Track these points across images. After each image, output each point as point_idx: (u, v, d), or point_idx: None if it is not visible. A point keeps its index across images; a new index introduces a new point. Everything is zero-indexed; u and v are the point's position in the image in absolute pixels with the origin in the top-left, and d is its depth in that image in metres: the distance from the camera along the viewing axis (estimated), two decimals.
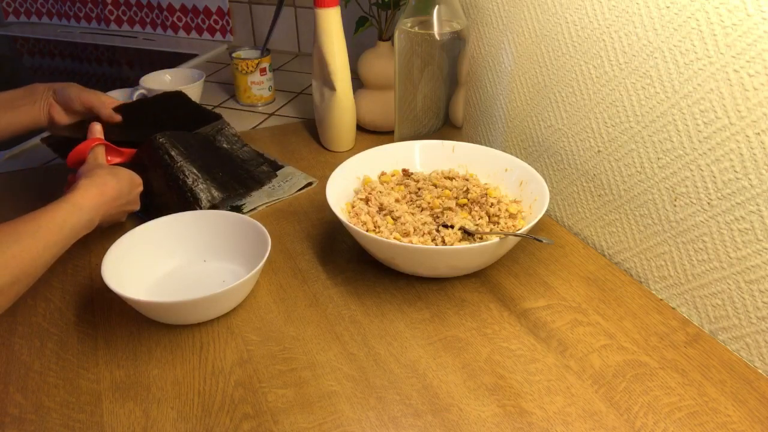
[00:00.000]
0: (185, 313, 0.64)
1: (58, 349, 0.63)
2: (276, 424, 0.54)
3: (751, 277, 0.59)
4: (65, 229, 0.62)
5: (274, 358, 0.61)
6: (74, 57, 1.57)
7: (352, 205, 0.76)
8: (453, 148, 0.83)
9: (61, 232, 0.61)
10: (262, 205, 0.86)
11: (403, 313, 0.67)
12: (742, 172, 0.57)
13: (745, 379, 0.58)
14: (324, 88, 0.99)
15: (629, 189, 0.71)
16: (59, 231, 0.61)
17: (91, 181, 0.67)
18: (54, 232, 0.60)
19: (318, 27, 0.94)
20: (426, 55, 0.84)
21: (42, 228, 0.59)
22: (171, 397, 0.57)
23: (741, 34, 0.54)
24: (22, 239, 0.57)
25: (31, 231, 0.58)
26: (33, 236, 0.58)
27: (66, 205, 0.63)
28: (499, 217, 0.72)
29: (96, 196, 0.66)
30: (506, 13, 0.84)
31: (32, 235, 0.58)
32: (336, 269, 0.74)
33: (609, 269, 0.73)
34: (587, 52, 0.72)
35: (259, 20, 1.53)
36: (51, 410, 0.56)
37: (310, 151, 1.03)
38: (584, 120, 0.75)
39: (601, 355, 0.61)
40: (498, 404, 0.56)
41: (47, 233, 0.59)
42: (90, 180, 0.68)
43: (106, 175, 0.70)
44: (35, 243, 0.58)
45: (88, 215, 0.65)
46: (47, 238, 0.59)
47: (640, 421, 0.54)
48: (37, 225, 0.59)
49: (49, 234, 0.60)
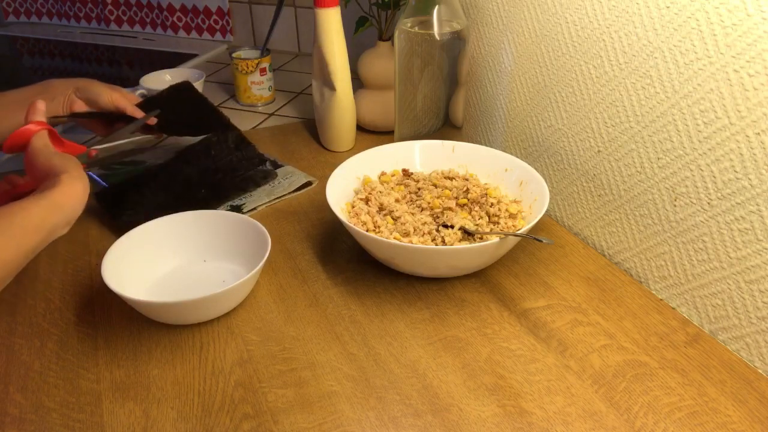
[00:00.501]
0: (185, 313, 0.64)
1: (58, 349, 0.63)
2: (276, 424, 0.54)
3: (751, 277, 0.59)
4: (43, 231, 0.54)
5: (274, 358, 0.61)
6: (74, 57, 1.57)
7: (352, 205, 0.76)
8: (453, 148, 0.83)
9: (38, 234, 0.54)
10: (262, 205, 0.86)
11: (403, 313, 0.67)
12: (742, 172, 0.57)
13: (745, 379, 0.58)
14: (324, 88, 0.99)
15: (629, 189, 0.71)
16: (36, 232, 0.53)
17: (72, 177, 0.58)
18: (30, 233, 0.53)
19: (318, 27, 0.94)
20: (426, 55, 0.84)
21: (15, 226, 0.52)
22: (171, 397, 0.57)
23: (741, 34, 0.54)
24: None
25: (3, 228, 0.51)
26: (3, 235, 0.51)
27: (45, 203, 0.55)
28: (499, 217, 0.72)
29: (79, 193, 0.58)
30: (506, 13, 0.84)
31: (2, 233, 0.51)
32: (336, 269, 0.74)
33: (609, 269, 0.73)
34: (587, 52, 0.72)
35: (259, 20, 1.53)
36: (51, 410, 0.56)
37: (310, 151, 1.03)
38: (584, 120, 0.75)
39: (601, 355, 0.61)
40: (498, 404, 0.56)
41: (21, 233, 0.52)
42: (70, 175, 0.58)
43: (79, 168, 0.61)
44: (6, 243, 0.51)
45: (68, 215, 0.57)
46: (21, 238, 0.52)
47: (640, 421, 0.54)
48: (10, 223, 0.52)
49: (23, 234, 0.52)
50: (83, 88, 0.82)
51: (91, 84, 0.82)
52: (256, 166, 0.90)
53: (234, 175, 0.87)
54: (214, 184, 0.85)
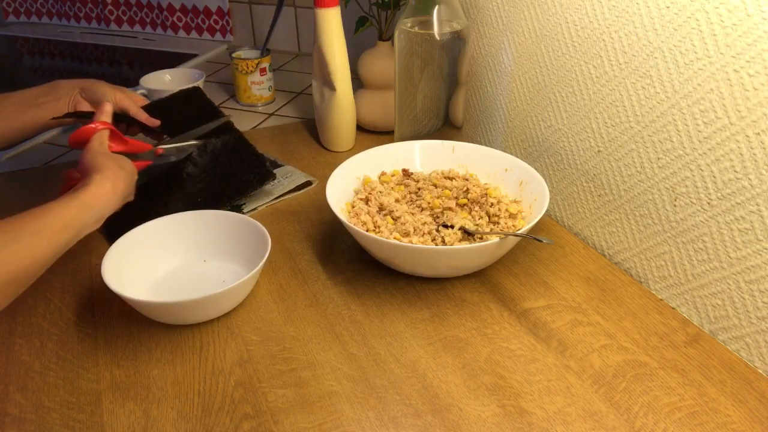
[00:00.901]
0: (185, 313, 0.64)
1: (58, 349, 0.63)
2: (276, 424, 0.54)
3: (751, 277, 0.59)
4: (72, 229, 0.59)
5: (274, 358, 0.61)
6: (74, 57, 1.57)
7: (352, 205, 0.76)
8: (453, 148, 0.83)
9: (68, 232, 0.58)
10: (262, 205, 0.86)
11: (403, 313, 0.67)
12: (742, 172, 0.57)
13: (745, 379, 0.58)
14: (324, 88, 0.99)
15: (629, 189, 0.71)
16: (65, 230, 0.58)
17: (103, 177, 0.64)
18: (59, 231, 0.57)
19: (318, 27, 0.94)
20: (426, 55, 0.84)
21: (46, 226, 0.56)
22: (171, 397, 0.57)
23: (741, 34, 0.54)
24: (24, 237, 0.54)
25: (35, 228, 0.55)
26: (36, 234, 0.55)
27: (76, 204, 0.60)
28: (499, 217, 0.72)
29: (108, 193, 0.63)
30: (506, 13, 0.84)
31: (35, 232, 0.55)
32: (336, 269, 0.74)
33: (609, 269, 0.73)
34: (587, 52, 0.72)
35: (259, 20, 1.53)
36: (51, 410, 0.56)
37: (310, 151, 1.03)
38: (584, 120, 0.75)
39: (601, 355, 0.61)
40: (498, 404, 0.56)
41: (52, 232, 0.56)
42: (102, 176, 0.64)
43: (116, 168, 0.66)
44: (38, 241, 0.55)
45: (98, 214, 0.62)
46: (51, 237, 0.56)
47: (640, 421, 0.54)
48: (42, 223, 0.56)
49: (53, 233, 0.57)
50: (88, 88, 0.82)
51: (96, 84, 0.82)
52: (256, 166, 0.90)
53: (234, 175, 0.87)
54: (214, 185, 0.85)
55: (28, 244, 0.55)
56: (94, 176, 0.63)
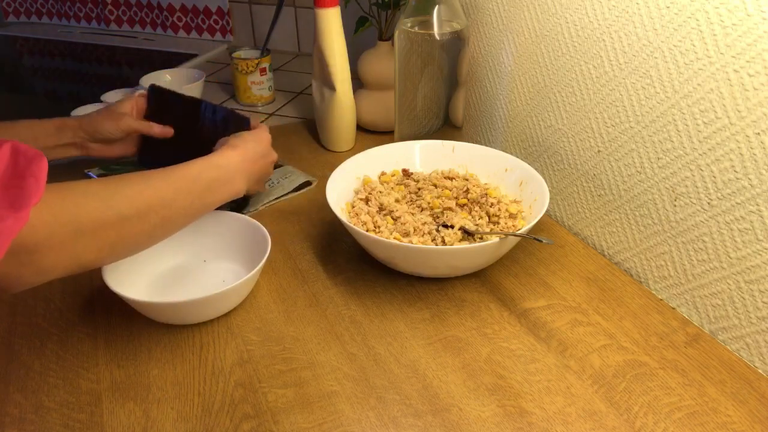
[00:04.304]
0: (185, 313, 0.64)
1: (58, 349, 0.63)
2: (276, 424, 0.54)
3: (751, 277, 0.59)
4: (200, 182, 0.63)
5: (274, 358, 0.61)
6: (74, 57, 1.57)
7: (352, 205, 0.76)
8: (453, 148, 0.83)
9: (195, 183, 0.62)
10: (262, 205, 0.87)
11: (403, 313, 0.67)
12: (742, 172, 0.57)
13: (745, 379, 0.58)
14: (324, 88, 0.99)
15: (629, 189, 0.71)
16: (193, 181, 0.62)
17: (231, 147, 0.70)
18: (187, 180, 0.61)
19: (318, 27, 0.94)
20: (426, 55, 0.84)
21: (174, 175, 0.61)
22: (171, 398, 0.57)
23: (741, 34, 0.54)
24: (152, 180, 0.58)
25: (163, 176, 0.60)
26: (163, 179, 0.59)
27: (203, 162, 0.65)
28: (499, 217, 0.72)
29: (236, 156, 0.68)
30: (506, 13, 0.84)
31: (163, 178, 0.59)
32: (336, 269, 0.74)
33: (609, 269, 0.73)
34: (587, 52, 0.72)
35: (259, 20, 1.53)
36: (51, 410, 0.56)
37: (310, 151, 1.03)
38: (584, 120, 0.75)
39: (601, 355, 0.61)
40: (498, 404, 0.56)
41: (178, 179, 0.61)
42: (230, 146, 0.70)
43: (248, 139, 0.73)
44: (165, 185, 0.59)
45: (226, 174, 0.66)
46: (178, 183, 0.60)
47: (640, 421, 0.54)
48: (171, 172, 0.61)
49: (180, 180, 0.61)
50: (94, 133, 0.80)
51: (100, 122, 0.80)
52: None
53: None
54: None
55: (155, 186, 0.58)
56: (222, 147, 0.70)
